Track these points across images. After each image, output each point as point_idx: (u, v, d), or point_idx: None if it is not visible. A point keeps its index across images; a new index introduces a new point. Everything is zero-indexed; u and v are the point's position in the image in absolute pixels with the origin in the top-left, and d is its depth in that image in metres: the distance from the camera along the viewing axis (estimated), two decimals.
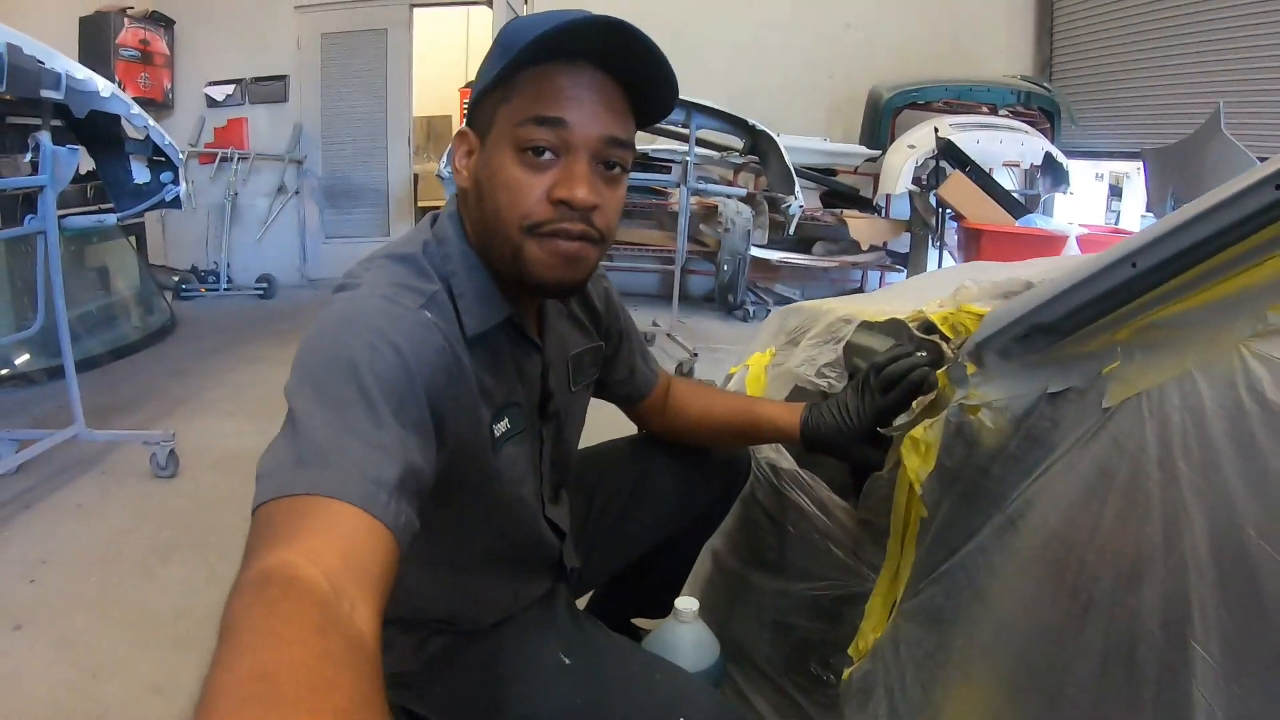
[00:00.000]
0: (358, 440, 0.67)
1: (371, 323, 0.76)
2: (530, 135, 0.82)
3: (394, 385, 0.72)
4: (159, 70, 6.08)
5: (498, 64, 0.82)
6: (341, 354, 0.73)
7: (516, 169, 0.83)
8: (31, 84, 2.35)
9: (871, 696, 0.95)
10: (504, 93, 0.84)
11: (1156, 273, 0.63)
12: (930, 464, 0.87)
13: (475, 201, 0.88)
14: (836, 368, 1.29)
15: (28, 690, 1.64)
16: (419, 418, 0.74)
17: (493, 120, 0.85)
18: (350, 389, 0.70)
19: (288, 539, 0.60)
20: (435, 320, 0.81)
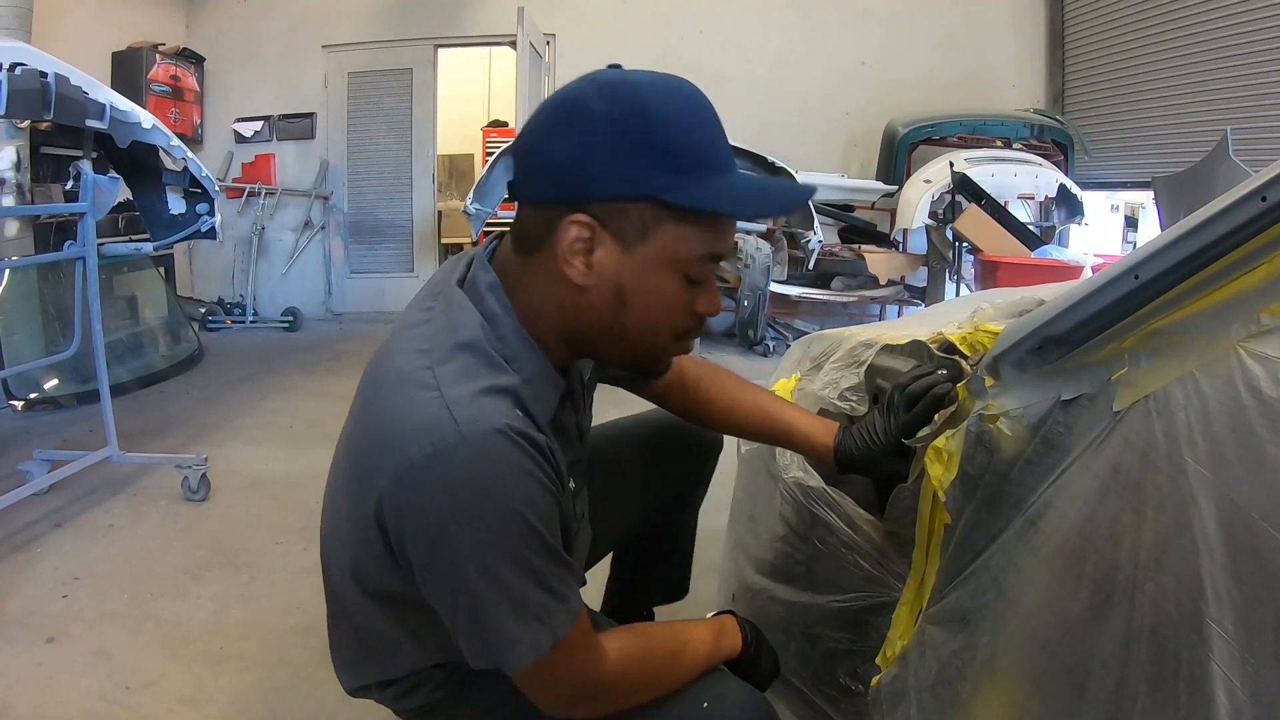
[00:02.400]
0: (561, 572, 0.83)
1: (505, 478, 0.78)
2: (705, 270, 0.85)
3: (552, 512, 0.82)
4: (189, 106, 6.25)
5: (664, 174, 0.80)
6: (503, 511, 0.77)
7: (680, 291, 0.85)
8: (77, 113, 2.44)
9: (901, 701, 0.97)
10: (679, 216, 0.81)
11: (1158, 283, 0.68)
12: (953, 472, 0.91)
13: (601, 305, 0.85)
14: (858, 391, 1.32)
15: (61, 699, 1.68)
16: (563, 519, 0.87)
17: (649, 232, 0.81)
18: (530, 540, 0.79)
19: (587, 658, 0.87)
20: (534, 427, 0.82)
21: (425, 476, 0.77)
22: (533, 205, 0.85)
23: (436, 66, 6.64)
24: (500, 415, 0.78)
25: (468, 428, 0.76)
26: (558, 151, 0.81)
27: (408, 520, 0.79)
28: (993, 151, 5.33)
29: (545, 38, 6.22)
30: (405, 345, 0.86)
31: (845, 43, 6.29)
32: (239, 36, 6.54)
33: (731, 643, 1.06)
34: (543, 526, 0.79)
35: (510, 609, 0.79)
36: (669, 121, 0.81)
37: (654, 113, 0.80)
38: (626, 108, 0.80)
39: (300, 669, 1.79)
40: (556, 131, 0.81)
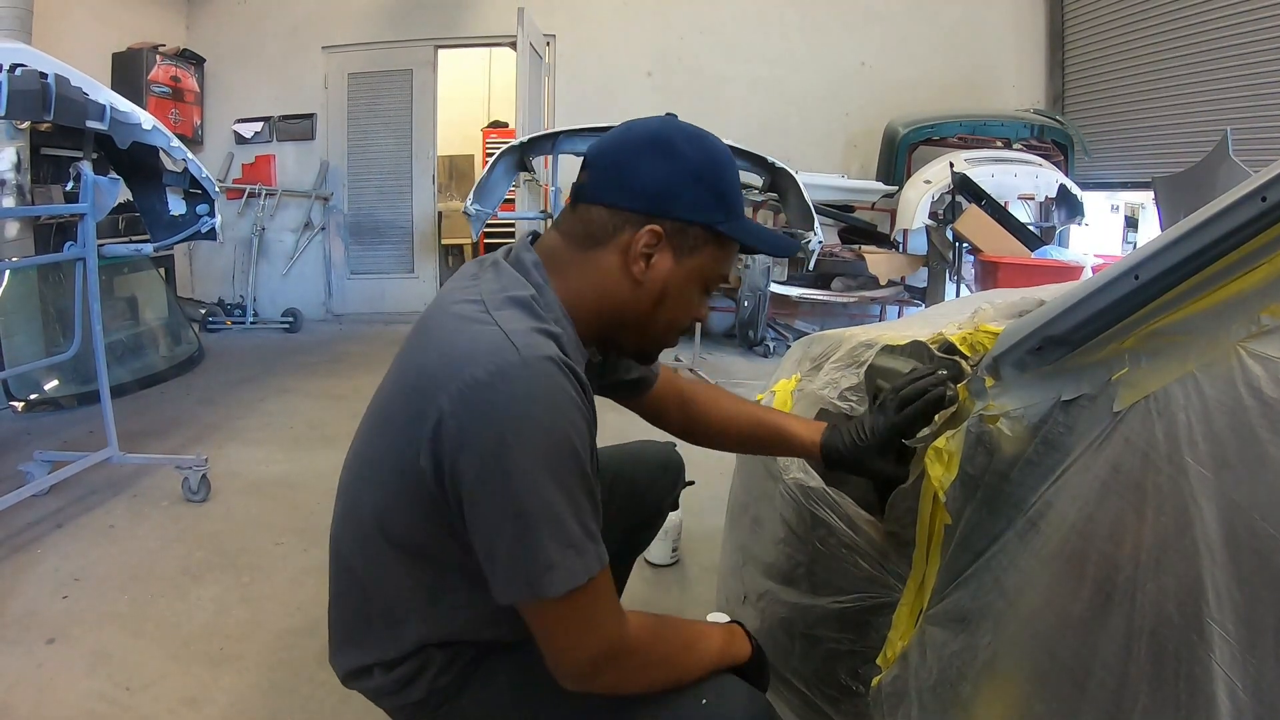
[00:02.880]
0: (594, 512, 0.90)
1: (559, 391, 0.87)
2: (717, 285, 1.06)
3: (591, 453, 0.92)
4: (189, 107, 6.26)
5: (720, 211, 1.00)
6: (560, 441, 0.86)
7: (698, 299, 1.05)
8: (78, 114, 2.44)
9: (902, 702, 0.97)
10: (719, 243, 1.02)
11: (1158, 283, 0.68)
12: (953, 472, 0.91)
13: (647, 299, 1.01)
14: (858, 391, 1.33)
15: (62, 700, 1.68)
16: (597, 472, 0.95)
17: (698, 249, 1.01)
18: (577, 474, 0.88)
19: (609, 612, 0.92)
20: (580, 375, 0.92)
21: (489, 393, 0.85)
22: (607, 209, 0.99)
23: (437, 67, 6.64)
24: (552, 347, 0.89)
25: (527, 352, 0.86)
26: (650, 174, 0.97)
27: (469, 435, 0.86)
28: (993, 152, 5.33)
29: (545, 38, 6.22)
30: (458, 299, 0.96)
31: (845, 43, 6.29)
32: (239, 37, 6.55)
33: (740, 649, 1.08)
34: (585, 456, 0.89)
35: (551, 533, 0.85)
36: (728, 172, 1.02)
37: (722, 164, 1.01)
38: (707, 157, 1.00)
39: (301, 670, 1.79)
40: (651, 158, 0.98)
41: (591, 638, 0.91)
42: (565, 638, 0.91)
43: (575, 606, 0.88)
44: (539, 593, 0.86)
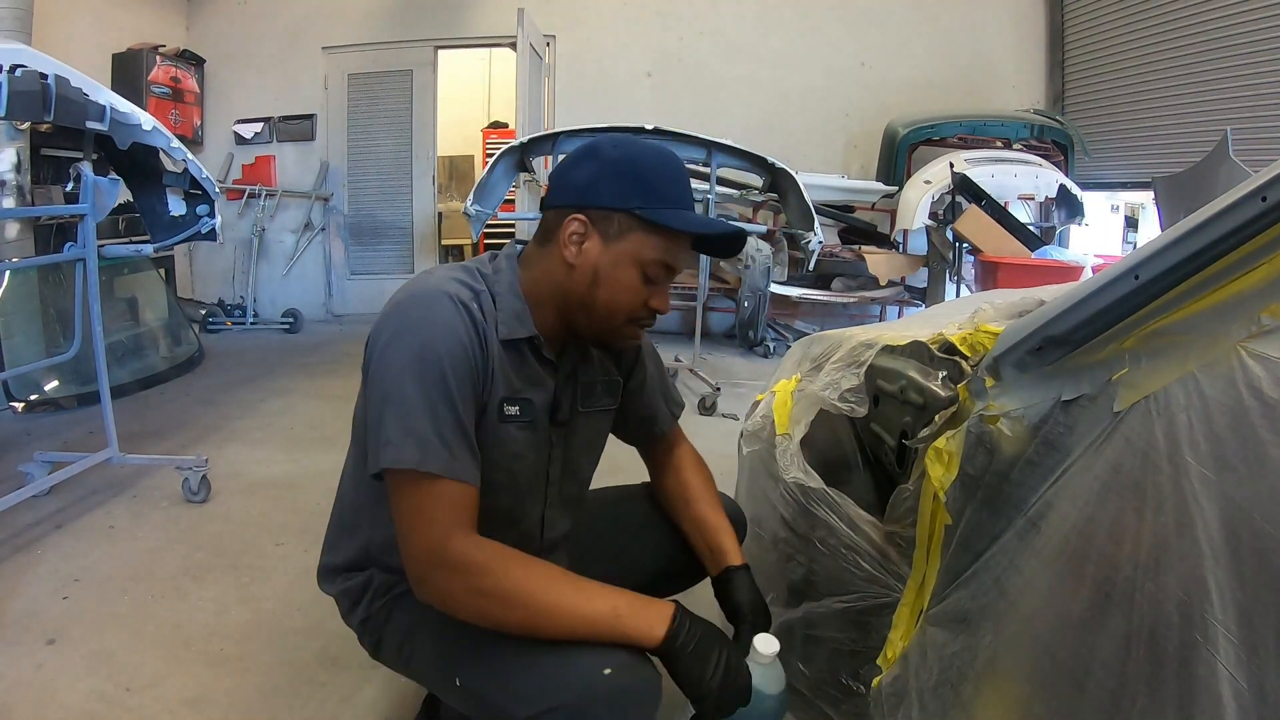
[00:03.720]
0: (456, 433, 1.05)
1: (446, 321, 1.08)
2: (657, 272, 1.15)
3: (466, 377, 1.08)
4: (189, 108, 6.26)
5: (641, 199, 1.12)
6: (430, 352, 1.05)
7: (637, 281, 1.15)
8: (77, 115, 2.43)
9: (902, 702, 0.97)
10: (646, 228, 1.13)
11: (1158, 283, 0.68)
12: (953, 473, 0.91)
13: (581, 279, 1.15)
14: (858, 391, 1.32)
15: (62, 701, 1.68)
16: (477, 398, 1.11)
17: (624, 234, 1.14)
18: (441, 386, 1.05)
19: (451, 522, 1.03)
20: (480, 315, 1.12)
21: (392, 309, 1.10)
22: (553, 209, 1.17)
23: (436, 68, 6.64)
24: (456, 290, 1.11)
25: (431, 286, 1.10)
26: (577, 175, 1.16)
27: (375, 335, 1.10)
28: (993, 152, 5.33)
29: (545, 39, 6.22)
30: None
31: (845, 43, 6.29)
32: (239, 38, 6.55)
33: (645, 624, 1.04)
34: (450, 375, 1.05)
35: (397, 416, 1.03)
36: (651, 168, 1.15)
37: (643, 161, 1.15)
38: (628, 155, 1.15)
39: (301, 670, 1.79)
40: (579, 163, 1.17)
41: (421, 532, 1.03)
42: (401, 523, 1.04)
43: (408, 493, 1.03)
44: (375, 463, 1.04)
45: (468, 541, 1.03)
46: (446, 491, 1.03)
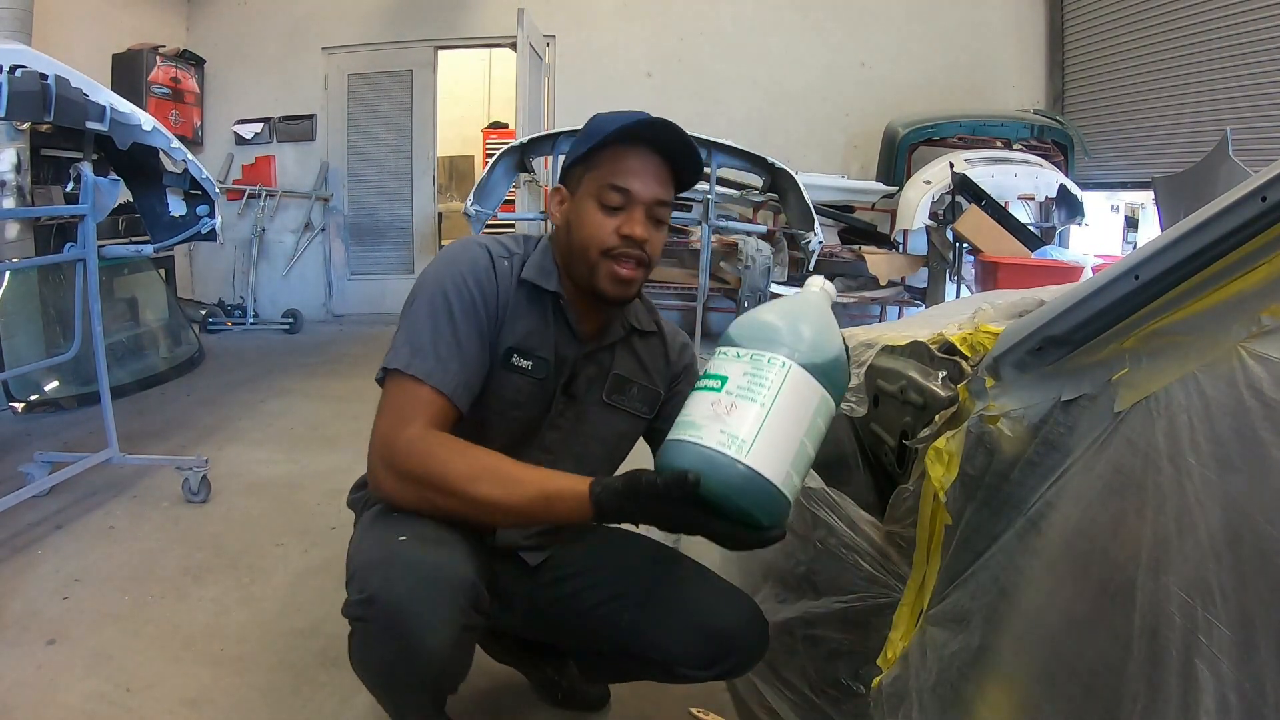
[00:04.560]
0: (451, 348, 1.18)
1: (468, 259, 1.25)
2: (608, 196, 1.23)
3: (471, 303, 1.21)
4: (189, 108, 6.26)
5: (586, 144, 1.24)
6: (443, 279, 1.22)
7: (598, 214, 1.23)
8: (78, 115, 2.44)
9: (903, 702, 0.97)
10: (589, 164, 1.25)
11: (1158, 283, 0.68)
12: (953, 473, 0.91)
13: (565, 235, 1.28)
14: (858, 392, 1.33)
15: (62, 701, 1.68)
16: (484, 329, 1.23)
17: (580, 181, 1.26)
18: (445, 307, 1.20)
19: (412, 418, 1.14)
20: (506, 265, 1.27)
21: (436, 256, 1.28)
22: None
23: (436, 68, 6.64)
24: (490, 243, 1.29)
25: (470, 239, 1.29)
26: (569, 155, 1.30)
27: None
28: (993, 152, 5.33)
29: (545, 39, 6.22)
30: None
31: (845, 44, 6.29)
32: (239, 38, 6.55)
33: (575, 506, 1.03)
34: (455, 299, 1.20)
35: (407, 330, 1.20)
36: (598, 122, 1.25)
37: (594, 120, 1.27)
38: (587, 123, 1.27)
39: (301, 671, 1.79)
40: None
41: (382, 426, 1.15)
42: (378, 418, 1.16)
43: (390, 392, 1.17)
44: (385, 361, 1.19)
45: (414, 432, 1.12)
46: (420, 394, 1.15)
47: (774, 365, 0.92)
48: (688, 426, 0.92)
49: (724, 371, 0.94)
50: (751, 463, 0.87)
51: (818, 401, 0.93)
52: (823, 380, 0.94)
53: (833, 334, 0.98)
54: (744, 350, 0.95)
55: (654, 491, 0.94)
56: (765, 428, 0.89)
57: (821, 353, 0.94)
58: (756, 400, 0.90)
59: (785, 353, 0.92)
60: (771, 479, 0.88)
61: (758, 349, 0.94)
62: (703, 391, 0.95)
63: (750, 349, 0.94)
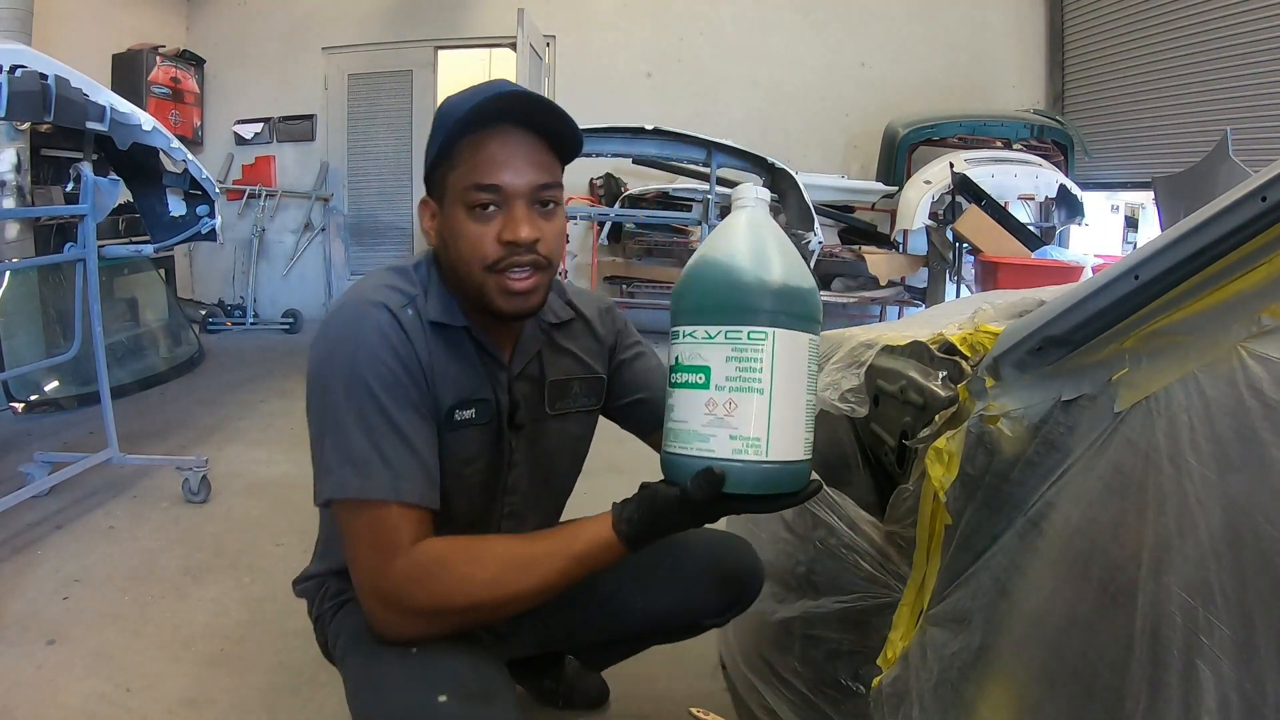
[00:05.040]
0: (398, 449, 0.98)
1: (372, 331, 1.01)
2: (474, 198, 1.02)
3: (400, 386, 1.01)
4: (189, 108, 6.26)
5: (438, 139, 1.04)
6: (357, 368, 0.99)
7: (469, 224, 1.03)
8: (78, 115, 2.44)
9: (903, 702, 0.97)
10: (449, 163, 1.04)
11: (1158, 283, 0.68)
12: (953, 473, 0.91)
13: (444, 254, 1.09)
14: (859, 392, 1.32)
15: (62, 701, 1.68)
16: (421, 401, 1.03)
17: (445, 188, 1.06)
18: (373, 402, 0.98)
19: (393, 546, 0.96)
20: (413, 317, 1.06)
21: (320, 328, 1.05)
22: None
23: (436, 68, 6.64)
24: (384, 297, 1.05)
25: (358, 296, 1.05)
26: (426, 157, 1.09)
27: (308, 361, 1.03)
28: (993, 152, 5.33)
29: (545, 39, 6.22)
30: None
31: (845, 44, 6.29)
32: (239, 38, 6.55)
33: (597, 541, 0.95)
34: (381, 390, 0.99)
35: (335, 443, 0.98)
36: (446, 109, 1.05)
37: (441, 108, 1.06)
38: (436, 113, 1.07)
39: (301, 671, 1.79)
40: None
41: (364, 564, 0.98)
42: (348, 551, 1.00)
43: (352, 522, 0.98)
44: (318, 495, 1.00)
45: (404, 562, 0.95)
46: (389, 517, 0.96)
47: (757, 341, 0.83)
48: (690, 437, 0.85)
49: (703, 360, 0.85)
50: (775, 456, 0.83)
51: (808, 350, 0.87)
52: (805, 326, 0.86)
53: (792, 258, 0.88)
54: (714, 328, 0.84)
55: (679, 501, 0.88)
56: (774, 416, 0.83)
57: (792, 294, 0.85)
58: (755, 389, 0.83)
59: (763, 319, 0.83)
60: (795, 459, 0.85)
61: (729, 323, 0.84)
62: (688, 390, 0.86)
63: (721, 324, 0.84)
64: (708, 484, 0.84)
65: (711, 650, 1.85)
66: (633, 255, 6.07)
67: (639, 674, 1.75)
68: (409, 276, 1.11)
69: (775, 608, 1.41)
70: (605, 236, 5.99)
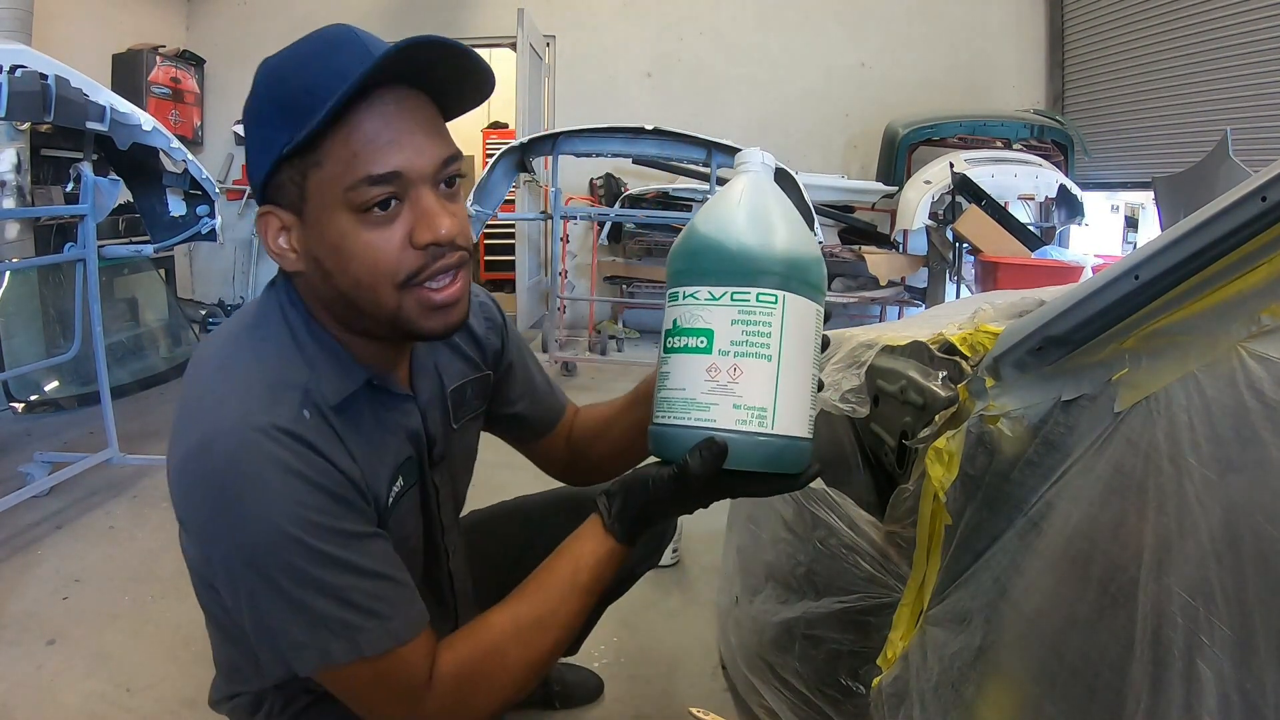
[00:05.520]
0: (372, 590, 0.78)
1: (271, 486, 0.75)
2: (366, 196, 0.77)
3: (336, 525, 0.77)
4: (189, 108, 6.26)
5: (288, 129, 0.76)
6: (284, 536, 0.74)
7: (364, 233, 0.78)
8: (78, 115, 2.44)
9: (903, 702, 0.97)
10: (313, 158, 0.77)
11: (1158, 283, 0.68)
12: (953, 473, 0.91)
13: (321, 280, 0.83)
14: (859, 392, 1.32)
15: (62, 701, 1.69)
16: (363, 518, 0.81)
17: (304, 190, 0.79)
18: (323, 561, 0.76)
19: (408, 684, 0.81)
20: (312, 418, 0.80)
21: (193, 468, 0.77)
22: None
23: None
24: (270, 414, 0.77)
25: (239, 433, 0.75)
26: (249, 164, 0.83)
27: (182, 512, 0.80)
28: (993, 152, 5.33)
29: (545, 39, 6.22)
30: (218, 334, 0.89)
31: (845, 44, 6.29)
32: (239, 38, 6.54)
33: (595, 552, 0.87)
34: (318, 540, 0.75)
35: (292, 618, 0.76)
36: (272, 79, 0.80)
37: (269, 80, 0.80)
38: (255, 90, 0.81)
39: None
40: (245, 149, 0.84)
41: (380, 710, 0.82)
42: (368, 708, 0.83)
43: (351, 685, 0.81)
44: (296, 668, 0.79)
45: (435, 695, 0.82)
46: (398, 663, 0.80)
47: (766, 303, 0.77)
48: (688, 406, 0.78)
49: (705, 323, 0.77)
50: (780, 430, 0.77)
51: (815, 320, 0.81)
52: (813, 292, 0.81)
53: (798, 225, 0.82)
54: (719, 289, 0.77)
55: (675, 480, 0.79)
56: (782, 384, 0.77)
57: (802, 259, 0.79)
58: (762, 355, 0.76)
59: (773, 281, 0.77)
60: (800, 435, 0.79)
61: (736, 284, 0.77)
62: (687, 354, 0.78)
63: (726, 285, 0.77)
64: (711, 456, 0.75)
65: (711, 650, 1.85)
66: (633, 255, 6.07)
67: (639, 674, 1.76)
68: (278, 346, 0.84)
69: (775, 608, 1.41)
70: (605, 236, 5.99)
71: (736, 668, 1.64)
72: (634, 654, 1.88)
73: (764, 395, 0.76)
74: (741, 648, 1.62)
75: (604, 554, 0.86)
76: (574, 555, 0.87)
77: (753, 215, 0.80)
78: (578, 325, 6.14)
